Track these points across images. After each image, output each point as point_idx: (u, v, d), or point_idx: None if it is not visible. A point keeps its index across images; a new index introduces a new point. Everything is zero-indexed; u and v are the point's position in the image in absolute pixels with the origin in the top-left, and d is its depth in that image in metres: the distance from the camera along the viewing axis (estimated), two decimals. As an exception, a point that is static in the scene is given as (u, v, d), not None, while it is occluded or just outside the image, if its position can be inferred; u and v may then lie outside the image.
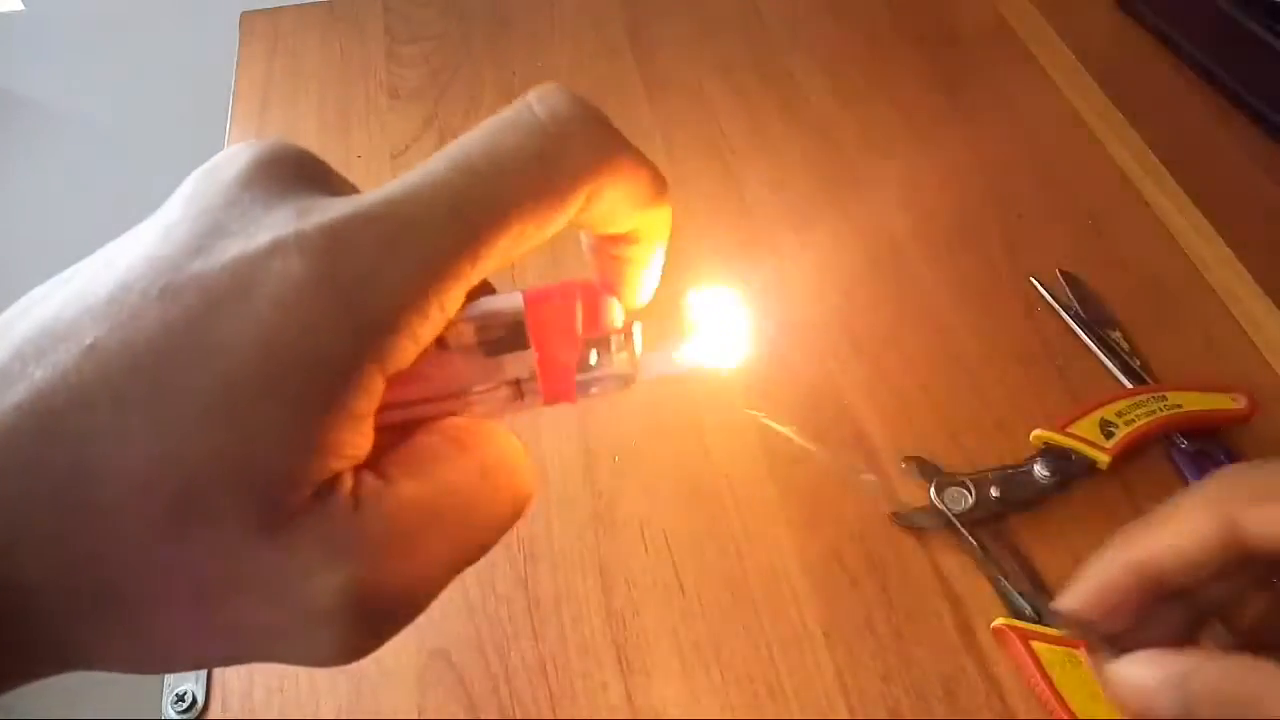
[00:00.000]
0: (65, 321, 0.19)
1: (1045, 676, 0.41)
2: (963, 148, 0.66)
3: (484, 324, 0.23)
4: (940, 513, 0.47)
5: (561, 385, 0.24)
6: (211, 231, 0.19)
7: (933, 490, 0.47)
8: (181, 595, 0.18)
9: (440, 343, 0.22)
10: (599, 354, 0.24)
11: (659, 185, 0.23)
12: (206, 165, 0.22)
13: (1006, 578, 0.45)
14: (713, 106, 0.69)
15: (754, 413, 0.26)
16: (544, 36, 0.76)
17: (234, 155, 0.21)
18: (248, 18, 0.78)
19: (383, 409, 0.21)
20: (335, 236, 0.19)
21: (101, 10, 1.05)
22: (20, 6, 1.03)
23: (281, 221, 0.19)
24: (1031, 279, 0.57)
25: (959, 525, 0.46)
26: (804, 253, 0.60)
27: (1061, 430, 0.48)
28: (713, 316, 0.27)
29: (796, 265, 0.59)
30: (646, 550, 0.47)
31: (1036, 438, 0.49)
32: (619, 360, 0.24)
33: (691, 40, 0.75)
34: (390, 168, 0.66)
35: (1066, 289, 0.57)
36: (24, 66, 1.08)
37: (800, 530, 0.47)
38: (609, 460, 0.50)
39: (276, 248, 0.19)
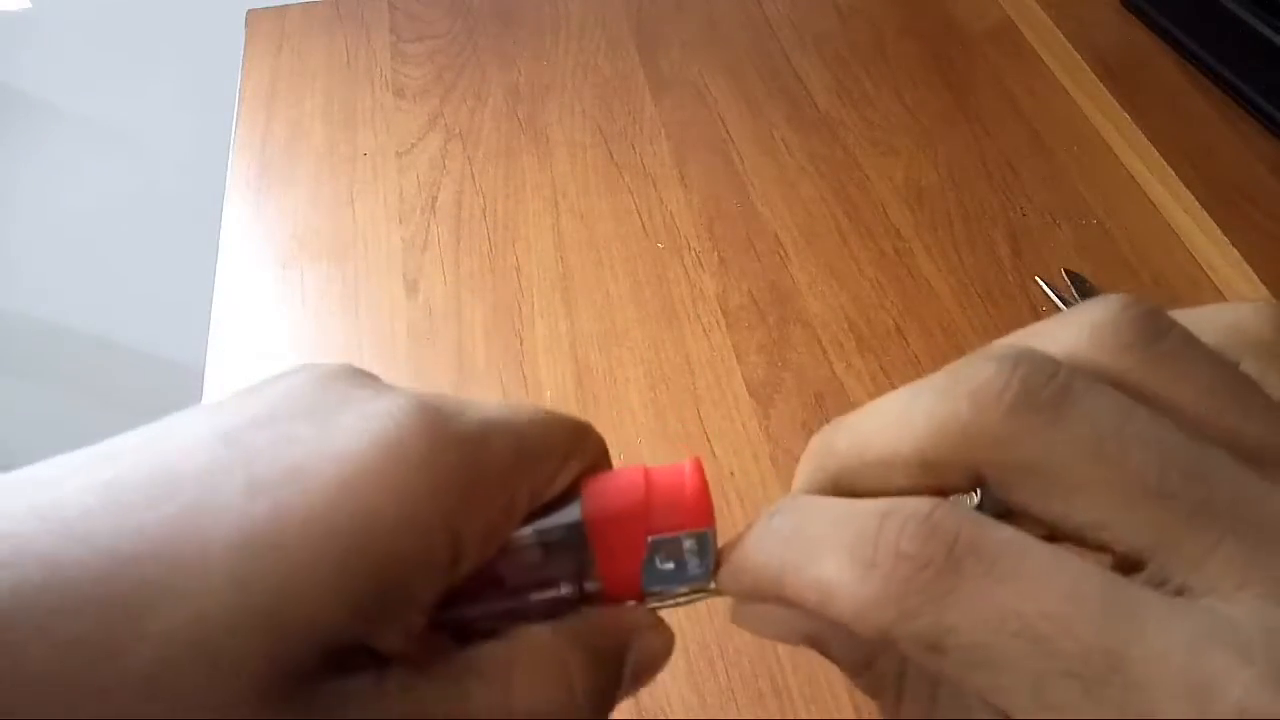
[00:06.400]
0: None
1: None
2: (968, 147, 0.66)
3: (541, 526, 0.21)
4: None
5: (625, 588, 0.21)
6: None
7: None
8: None
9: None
10: (670, 556, 0.21)
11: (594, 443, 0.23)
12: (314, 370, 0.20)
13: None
14: (718, 106, 0.70)
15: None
16: (549, 36, 0.76)
17: (308, 367, 0.20)
18: (254, 16, 0.78)
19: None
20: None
21: (107, 8, 1.05)
22: (27, 4, 1.03)
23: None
24: (1037, 279, 0.57)
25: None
26: (810, 252, 0.60)
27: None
28: None
29: (802, 264, 0.59)
30: (651, 548, 0.47)
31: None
32: (690, 563, 0.21)
33: (697, 40, 0.75)
34: (396, 166, 0.66)
35: (1072, 289, 0.56)
36: (31, 65, 1.09)
37: (805, 529, 0.47)
38: (614, 460, 0.50)
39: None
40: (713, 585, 0.21)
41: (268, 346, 0.57)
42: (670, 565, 0.21)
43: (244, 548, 0.15)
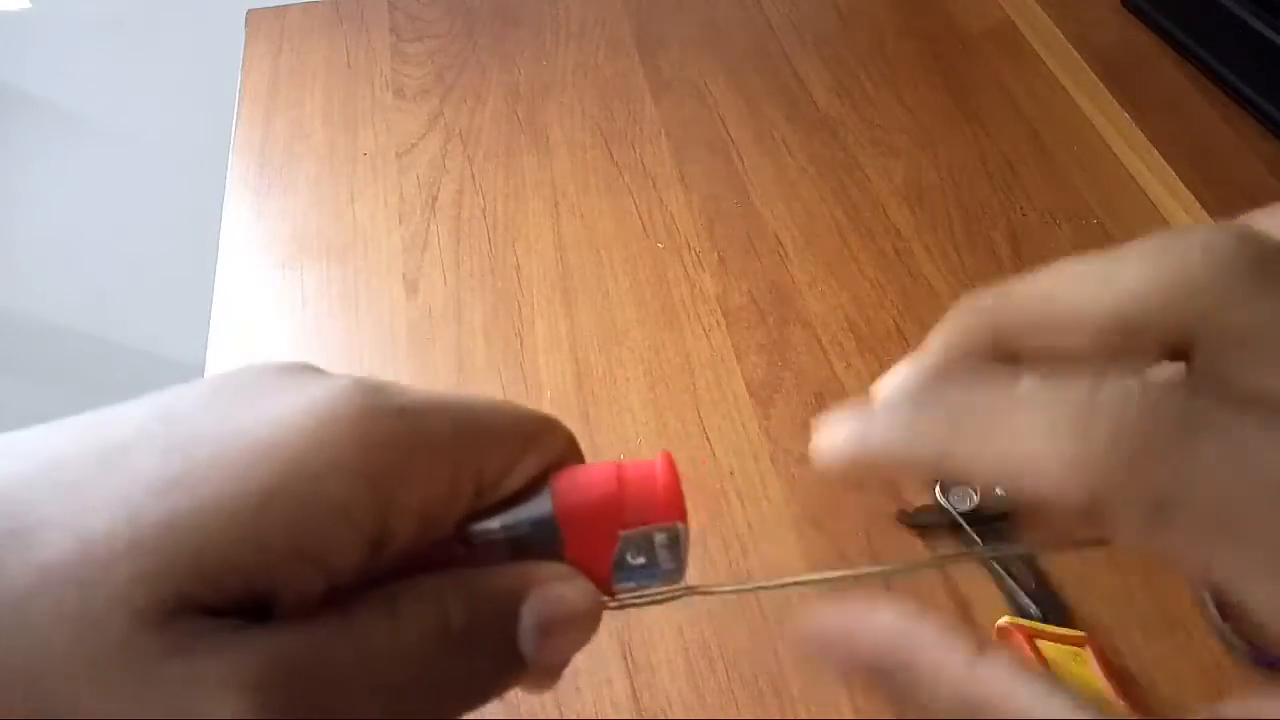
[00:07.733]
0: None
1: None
2: (968, 147, 0.66)
3: (509, 520, 0.20)
4: (946, 512, 0.47)
5: (595, 584, 0.21)
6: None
7: (938, 489, 0.47)
8: None
9: (463, 540, 0.20)
10: (641, 551, 0.21)
11: (543, 423, 0.22)
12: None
13: (1011, 577, 0.45)
14: (718, 106, 0.70)
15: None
16: (549, 36, 0.76)
17: (259, 362, 0.20)
18: (254, 16, 0.78)
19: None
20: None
21: (107, 8, 1.05)
22: (27, 4, 1.03)
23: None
24: (1037, 278, 0.57)
25: (964, 524, 0.46)
26: (810, 252, 0.60)
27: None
28: None
29: (802, 264, 0.59)
30: (651, 548, 0.47)
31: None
32: (662, 557, 0.21)
33: (697, 40, 0.75)
34: (396, 166, 0.66)
35: (1072, 288, 0.56)
36: (31, 64, 1.09)
37: (805, 528, 0.47)
38: (613, 460, 0.50)
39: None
40: (684, 582, 0.21)
41: (268, 346, 0.57)
42: (641, 560, 0.21)
43: (148, 486, 0.15)
